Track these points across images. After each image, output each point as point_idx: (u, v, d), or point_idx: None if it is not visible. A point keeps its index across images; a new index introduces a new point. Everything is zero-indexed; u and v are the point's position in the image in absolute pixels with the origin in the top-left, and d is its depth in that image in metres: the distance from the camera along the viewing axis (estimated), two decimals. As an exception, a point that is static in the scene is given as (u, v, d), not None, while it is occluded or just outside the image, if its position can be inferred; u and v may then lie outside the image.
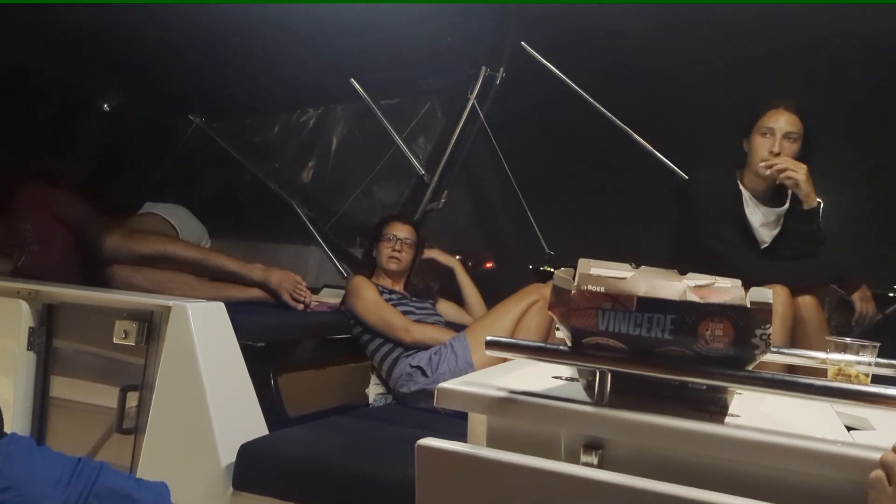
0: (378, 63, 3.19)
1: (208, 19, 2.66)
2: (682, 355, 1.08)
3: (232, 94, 3.56)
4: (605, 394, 1.15)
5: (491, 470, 1.12)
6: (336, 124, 3.69)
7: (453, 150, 3.38)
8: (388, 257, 2.95)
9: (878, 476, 0.95)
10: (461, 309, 3.13)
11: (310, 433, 2.15)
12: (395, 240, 2.96)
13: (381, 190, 3.68)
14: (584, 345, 1.12)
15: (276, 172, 3.85)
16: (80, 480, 1.37)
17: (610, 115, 3.08)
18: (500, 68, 3.25)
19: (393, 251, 2.95)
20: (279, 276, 2.82)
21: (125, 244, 2.64)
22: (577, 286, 1.11)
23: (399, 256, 2.95)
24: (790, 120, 2.50)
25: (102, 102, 3.53)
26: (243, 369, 2.17)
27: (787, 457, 1.03)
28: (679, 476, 1.06)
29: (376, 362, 2.79)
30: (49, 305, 2.35)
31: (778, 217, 2.59)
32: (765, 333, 1.05)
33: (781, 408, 1.29)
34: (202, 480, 1.99)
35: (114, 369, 2.23)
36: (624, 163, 3.19)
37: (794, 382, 1.08)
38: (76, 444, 2.23)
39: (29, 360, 2.33)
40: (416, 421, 2.40)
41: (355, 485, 1.82)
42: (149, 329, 2.17)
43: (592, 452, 1.15)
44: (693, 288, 1.08)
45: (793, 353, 1.72)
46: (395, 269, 2.95)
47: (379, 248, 2.99)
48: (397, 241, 2.96)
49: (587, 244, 3.16)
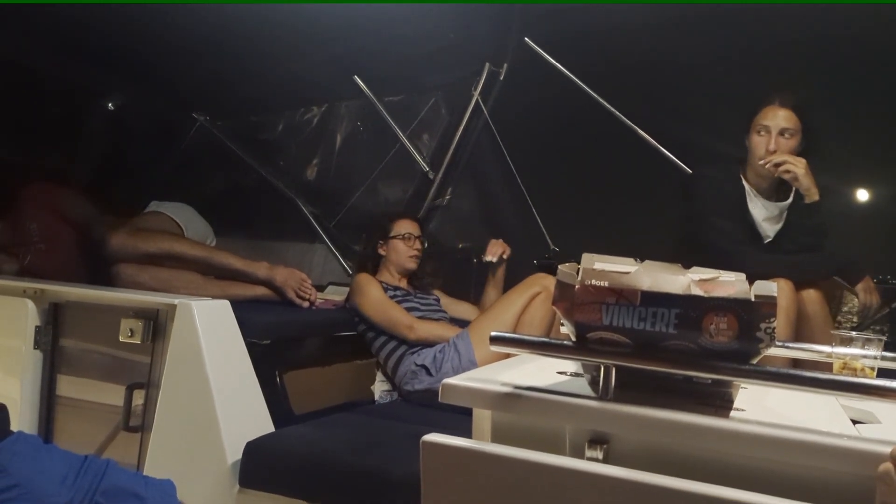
0: (382, 60, 3.19)
1: (212, 18, 2.66)
2: (686, 349, 1.08)
3: (236, 93, 3.56)
4: (610, 388, 1.14)
5: (496, 465, 1.12)
6: (340, 122, 3.69)
7: (457, 147, 3.37)
8: (409, 256, 2.94)
9: (886, 469, 0.94)
10: (459, 302, 3.12)
11: (316, 430, 2.15)
12: (413, 237, 2.96)
13: (386, 187, 3.68)
14: (588, 340, 1.12)
15: (280, 170, 3.85)
16: (87, 478, 1.38)
17: (614, 111, 3.07)
18: (504, 64, 3.24)
19: (413, 249, 2.95)
20: (284, 273, 2.83)
21: (131, 243, 2.65)
22: (580, 281, 1.11)
23: (419, 254, 2.95)
24: (786, 116, 2.50)
25: (107, 101, 3.54)
26: (249, 367, 2.17)
27: (792, 451, 1.03)
28: (684, 471, 1.05)
29: (381, 359, 2.79)
30: (55, 304, 2.36)
31: (781, 211, 2.59)
32: (769, 327, 1.05)
33: (787, 402, 1.29)
34: (209, 478, 1.99)
35: (120, 368, 2.24)
36: (628, 158, 3.18)
37: (800, 376, 1.08)
38: (83, 442, 2.24)
39: (35, 359, 2.34)
40: (421, 418, 2.40)
41: (361, 482, 1.82)
42: (154, 327, 2.17)
43: (597, 447, 1.15)
44: (697, 282, 1.08)
45: (798, 346, 1.71)
46: (413, 267, 2.96)
47: (392, 245, 2.97)
48: (414, 238, 2.96)
49: (592, 239, 3.14)
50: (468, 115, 3.31)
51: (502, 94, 3.27)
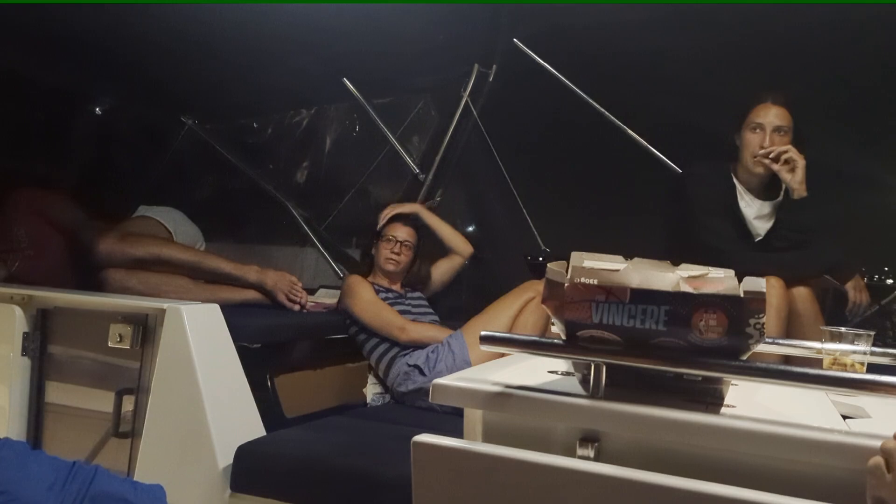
0: (370, 62, 3.18)
1: (200, 21, 2.64)
2: (676, 346, 1.08)
3: (225, 96, 3.55)
4: (601, 387, 1.14)
5: (487, 465, 1.12)
6: (329, 124, 3.68)
7: (447, 149, 3.37)
8: (386, 258, 2.94)
9: (877, 463, 0.94)
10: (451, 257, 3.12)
11: (307, 434, 2.14)
12: (395, 241, 2.95)
13: (376, 189, 3.67)
14: (578, 338, 1.12)
15: (270, 173, 3.85)
16: (75, 484, 1.37)
17: (603, 111, 3.07)
18: (493, 65, 3.24)
19: (391, 252, 2.94)
20: (275, 277, 2.82)
21: (119, 248, 2.63)
22: (570, 279, 1.10)
23: (397, 259, 2.94)
24: (779, 114, 2.50)
25: (94, 106, 3.52)
26: (240, 371, 2.16)
27: (783, 446, 1.03)
28: (676, 467, 1.05)
29: (373, 362, 2.78)
30: (43, 310, 2.34)
31: (771, 210, 2.59)
32: (759, 322, 1.05)
33: (777, 398, 1.29)
34: (200, 483, 1.98)
35: (109, 373, 2.22)
36: (619, 158, 3.19)
37: (790, 371, 1.08)
38: (73, 448, 2.22)
39: (24, 366, 2.32)
40: (414, 419, 2.39)
41: (354, 484, 1.82)
42: (144, 332, 2.16)
43: (589, 445, 1.14)
44: (686, 279, 1.08)
45: (788, 343, 1.72)
46: (392, 270, 2.94)
47: (378, 246, 2.98)
48: (397, 242, 2.95)
49: (583, 239, 3.14)
50: (458, 116, 3.31)
51: (491, 95, 3.27)
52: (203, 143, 3.84)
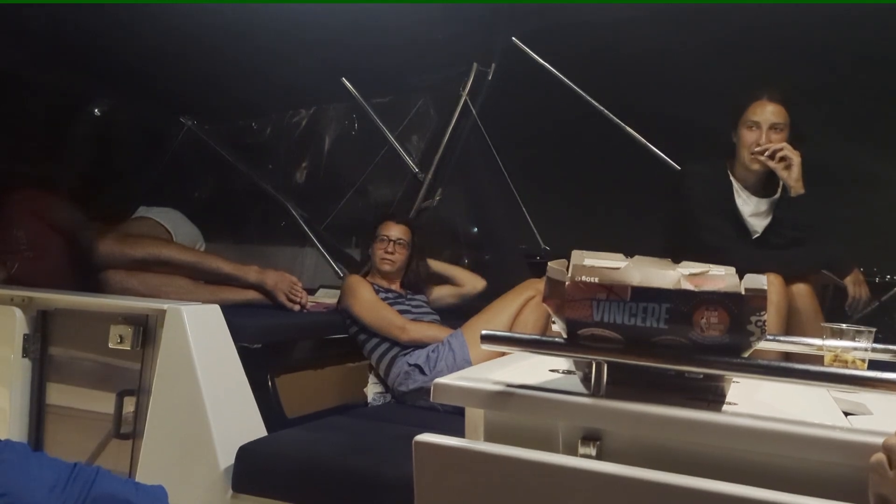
0: (369, 62, 3.18)
1: (198, 21, 2.64)
2: (677, 344, 1.08)
3: (224, 96, 3.55)
4: (602, 385, 1.14)
5: (489, 464, 1.12)
6: (329, 124, 3.68)
7: (446, 147, 3.37)
8: (381, 258, 2.94)
9: (879, 460, 0.94)
10: (456, 286, 3.12)
11: (308, 434, 2.14)
12: (388, 241, 2.95)
13: (376, 189, 3.67)
14: (579, 336, 1.11)
15: (269, 174, 3.84)
16: (76, 486, 1.36)
17: (602, 109, 3.07)
18: (492, 64, 3.24)
19: (385, 252, 2.94)
20: (275, 277, 2.82)
21: (119, 249, 2.63)
22: (570, 277, 1.10)
23: (391, 258, 2.94)
24: (775, 111, 2.50)
25: (93, 107, 3.52)
26: (240, 371, 2.16)
27: (785, 443, 1.03)
28: (678, 465, 1.05)
29: (374, 361, 2.78)
30: (43, 312, 2.35)
31: (769, 207, 2.59)
32: (760, 320, 1.05)
33: (779, 395, 1.29)
34: (201, 483, 1.98)
35: (110, 374, 2.22)
36: (618, 155, 3.18)
37: (791, 369, 1.08)
38: (74, 450, 2.23)
39: (24, 368, 2.32)
40: (415, 419, 2.39)
41: (355, 484, 1.82)
42: (144, 333, 2.16)
43: (590, 444, 1.14)
44: (687, 276, 1.08)
45: (789, 340, 1.71)
46: (387, 269, 2.94)
47: (374, 247, 2.99)
48: (390, 241, 2.95)
49: (583, 238, 3.14)
50: (457, 115, 3.30)
51: (490, 93, 3.26)
52: (202, 144, 3.84)
